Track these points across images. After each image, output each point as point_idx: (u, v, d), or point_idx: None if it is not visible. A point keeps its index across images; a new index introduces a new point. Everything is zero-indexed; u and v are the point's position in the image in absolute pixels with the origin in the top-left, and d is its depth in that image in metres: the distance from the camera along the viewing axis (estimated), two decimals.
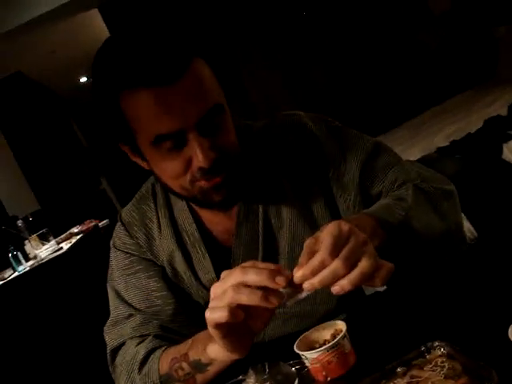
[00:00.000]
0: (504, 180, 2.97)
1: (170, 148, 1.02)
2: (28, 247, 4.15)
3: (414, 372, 0.80)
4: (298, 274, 0.82)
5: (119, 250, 1.30)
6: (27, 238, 4.19)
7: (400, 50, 5.23)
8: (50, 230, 4.32)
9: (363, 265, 0.81)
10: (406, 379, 0.80)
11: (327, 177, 1.22)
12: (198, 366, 1.06)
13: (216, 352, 0.97)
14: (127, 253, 1.29)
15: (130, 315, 1.25)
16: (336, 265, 0.81)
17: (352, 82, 5.28)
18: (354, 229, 0.85)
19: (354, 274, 0.81)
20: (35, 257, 4.13)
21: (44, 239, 4.14)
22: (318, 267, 0.81)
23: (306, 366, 0.97)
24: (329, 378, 0.93)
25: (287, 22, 5.22)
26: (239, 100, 5.20)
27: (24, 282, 3.77)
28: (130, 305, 1.26)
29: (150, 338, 1.22)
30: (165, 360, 1.14)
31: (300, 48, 5.26)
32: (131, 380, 1.20)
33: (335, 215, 1.23)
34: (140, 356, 1.19)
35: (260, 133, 1.26)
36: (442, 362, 0.79)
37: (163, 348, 1.18)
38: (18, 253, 4.03)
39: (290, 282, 0.83)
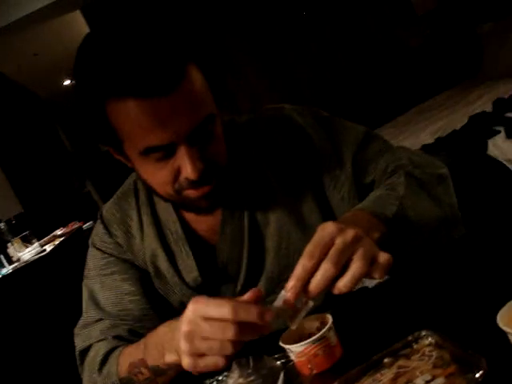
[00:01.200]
0: (490, 175, 2.96)
1: (158, 158, 0.99)
2: (11, 250, 4.10)
3: (402, 362, 0.78)
4: (288, 286, 0.83)
5: (97, 248, 1.27)
6: (10, 241, 4.15)
7: (384, 49, 5.23)
8: (34, 232, 4.28)
9: (354, 266, 0.82)
10: (394, 370, 0.77)
11: (317, 169, 1.20)
12: (158, 371, 1.03)
13: (175, 360, 0.94)
14: (105, 252, 1.26)
15: (100, 319, 1.23)
16: (324, 268, 0.81)
17: (338, 82, 5.28)
18: (342, 227, 0.84)
19: (347, 277, 0.81)
20: (18, 260, 4.07)
21: (27, 242, 4.10)
22: (303, 273, 0.83)
23: (292, 360, 0.94)
24: (314, 371, 0.91)
25: (270, 23, 5.20)
26: (225, 103, 5.17)
27: (6, 284, 3.74)
28: (100, 308, 1.23)
29: (111, 337, 1.19)
30: (123, 362, 1.12)
31: (285, 49, 5.24)
32: (93, 381, 1.17)
33: (325, 209, 1.21)
34: (99, 357, 1.17)
35: (244, 127, 1.24)
36: (430, 352, 0.77)
37: (120, 349, 1.16)
38: (1, 256, 3.98)
39: (285, 301, 0.84)
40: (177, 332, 0.89)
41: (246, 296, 0.85)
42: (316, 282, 0.82)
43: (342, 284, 0.82)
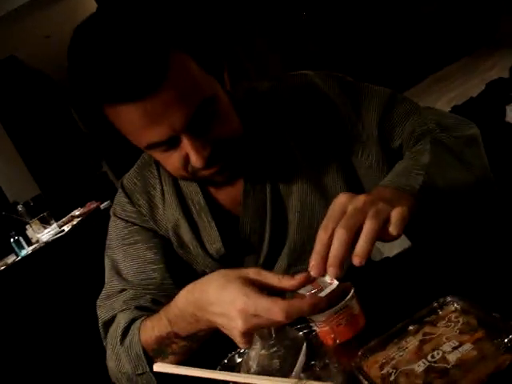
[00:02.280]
0: (508, 142, 2.92)
1: (164, 150, 0.99)
2: (30, 232, 4.13)
3: (427, 329, 0.77)
4: (310, 264, 0.83)
5: (119, 218, 1.26)
6: (28, 223, 4.17)
7: (397, 19, 5.15)
8: (52, 213, 4.29)
9: (366, 226, 0.81)
10: (419, 337, 0.76)
11: (342, 138, 1.17)
12: (195, 338, 1.03)
13: (212, 326, 0.94)
14: (127, 221, 1.25)
15: (123, 289, 1.22)
16: (337, 235, 0.81)
17: (349, 54, 5.22)
18: (353, 195, 0.84)
19: (361, 238, 0.80)
20: (37, 241, 4.12)
21: (45, 223, 4.10)
22: (321, 247, 0.83)
23: (314, 330, 0.93)
24: (337, 341, 0.90)
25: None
26: (239, 80, 5.11)
27: (26, 265, 3.77)
28: (123, 278, 1.22)
29: (132, 308, 1.18)
30: (147, 335, 1.09)
31: (296, 22, 5.19)
32: (116, 353, 1.16)
33: (351, 179, 1.19)
34: (121, 328, 1.15)
35: (266, 95, 1.21)
36: (456, 318, 0.76)
37: (140, 320, 1.13)
38: (20, 238, 4.02)
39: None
40: (226, 323, 0.88)
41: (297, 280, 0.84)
42: (333, 251, 0.81)
43: (359, 248, 0.80)
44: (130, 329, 1.14)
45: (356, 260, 0.80)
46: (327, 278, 0.85)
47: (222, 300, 0.87)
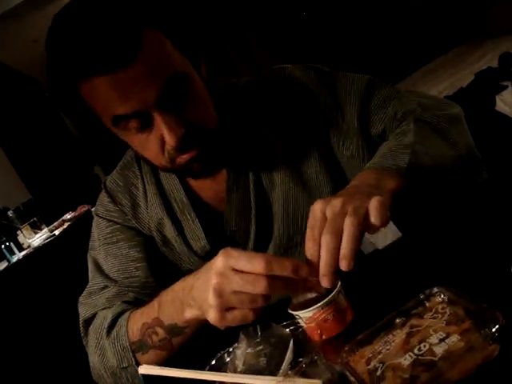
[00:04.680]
0: (499, 131, 2.91)
1: (137, 128, 0.97)
2: (21, 237, 4.10)
3: (414, 321, 0.75)
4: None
5: (101, 217, 1.26)
6: (19, 229, 4.15)
7: (386, 10, 5.14)
8: (43, 218, 4.27)
9: (346, 225, 0.79)
10: (406, 329, 0.74)
11: (323, 128, 1.16)
12: (175, 330, 1.02)
13: (196, 315, 0.91)
14: (110, 220, 1.24)
15: (105, 287, 1.21)
16: (324, 242, 0.80)
17: (339, 48, 5.20)
18: (328, 200, 0.83)
19: (344, 239, 0.79)
20: (29, 246, 4.08)
21: (36, 228, 4.09)
22: (312, 258, 0.82)
23: (301, 327, 0.91)
24: (324, 337, 0.88)
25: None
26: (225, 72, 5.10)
27: (17, 271, 3.76)
28: (106, 276, 1.22)
29: (119, 303, 1.17)
30: (134, 325, 1.09)
31: (285, 15, 5.16)
32: (100, 346, 1.15)
33: (334, 169, 1.17)
34: (108, 320, 1.14)
35: (245, 90, 1.21)
36: (443, 309, 0.74)
37: (129, 312, 1.13)
38: (11, 243, 3.99)
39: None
40: (201, 284, 0.87)
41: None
42: (323, 260, 0.80)
43: (343, 250, 0.79)
44: (118, 321, 1.13)
45: (343, 264, 0.78)
46: None
47: (202, 280, 0.87)
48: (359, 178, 0.94)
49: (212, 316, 0.83)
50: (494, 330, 0.65)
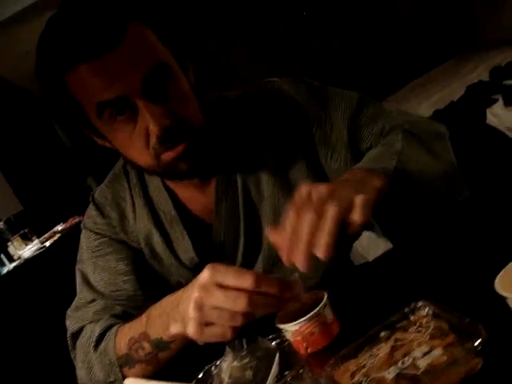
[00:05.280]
0: (490, 144, 2.92)
1: (121, 119, 0.98)
2: (11, 249, 4.08)
3: (398, 335, 0.75)
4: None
5: (90, 230, 1.25)
6: (10, 240, 4.13)
7: (377, 25, 5.17)
8: (35, 230, 4.25)
9: (328, 209, 0.79)
10: (390, 343, 0.74)
11: (312, 140, 1.17)
12: (161, 345, 1.02)
13: (181, 331, 0.91)
14: (98, 233, 1.24)
15: (93, 300, 1.21)
16: (307, 219, 0.80)
17: (331, 60, 5.22)
18: (316, 184, 0.84)
19: (323, 220, 0.79)
20: (19, 257, 4.05)
21: (27, 239, 4.07)
22: (290, 229, 0.81)
23: (287, 340, 0.91)
24: (309, 350, 0.88)
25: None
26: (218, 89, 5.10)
27: (7, 282, 3.74)
28: (94, 289, 1.21)
29: (107, 316, 1.17)
30: (122, 339, 1.09)
31: (274, 24, 5.17)
32: (88, 361, 1.15)
33: (321, 181, 1.17)
34: (95, 334, 1.15)
35: (234, 103, 1.22)
36: (427, 322, 0.74)
37: (117, 327, 1.13)
38: (1, 255, 3.96)
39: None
40: (185, 298, 0.87)
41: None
42: (304, 237, 0.80)
43: (322, 231, 0.78)
44: (106, 335, 1.14)
45: (319, 250, 0.78)
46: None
47: (187, 293, 0.87)
48: (347, 175, 0.95)
49: (191, 329, 0.83)
50: (476, 344, 0.65)
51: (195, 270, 1.17)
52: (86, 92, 0.97)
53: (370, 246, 1.94)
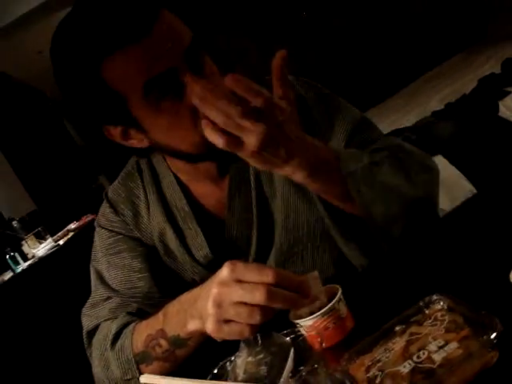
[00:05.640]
0: (502, 137, 2.90)
1: (168, 97, 0.96)
2: (25, 247, 4.11)
3: (413, 329, 0.75)
4: None
5: (104, 228, 1.26)
6: (24, 239, 4.16)
7: (388, 19, 5.14)
8: (48, 229, 4.29)
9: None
10: (405, 337, 0.74)
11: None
12: (178, 342, 1.02)
13: (199, 327, 0.92)
14: (112, 231, 1.24)
15: (108, 297, 1.21)
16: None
17: (343, 55, 5.20)
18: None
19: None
20: (33, 256, 4.09)
21: (40, 238, 4.10)
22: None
23: (302, 335, 0.91)
24: (324, 345, 0.87)
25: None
26: None
27: (22, 281, 3.77)
28: (109, 287, 1.22)
29: (124, 314, 1.18)
30: (138, 337, 1.10)
31: (281, 19, 5.15)
32: (105, 358, 1.15)
33: None
34: (112, 332, 1.15)
35: None
36: (442, 316, 0.74)
37: (133, 324, 1.13)
38: (16, 254, 4.00)
39: None
40: (203, 294, 0.88)
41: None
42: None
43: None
44: (122, 332, 1.14)
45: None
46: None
47: (206, 290, 0.88)
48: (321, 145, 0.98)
49: (209, 326, 0.83)
50: (492, 337, 0.65)
51: (209, 267, 1.18)
52: (130, 75, 0.95)
53: None
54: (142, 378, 0.94)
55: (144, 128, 1.03)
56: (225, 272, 0.83)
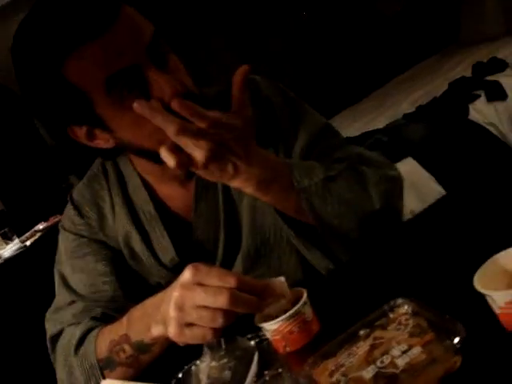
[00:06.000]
0: (472, 140, 2.93)
1: (132, 94, 0.95)
2: None
3: (377, 333, 0.74)
4: None
5: (68, 231, 1.23)
6: None
7: (360, 22, 5.16)
8: (17, 229, 4.23)
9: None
10: (369, 341, 0.73)
11: (277, 146, 1.17)
12: (142, 347, 1.00)
13: (162, 332, 0.90)
14: (76, 234, 1.22)
15: (72, 302, 1.19)
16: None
17: (313, 57, 5.20)
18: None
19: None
20: (0, 257, 4.02)
21: (7, 238, 4.04)
22: None
23: (267, 339, 0.90)
24: (288, 349, 0.86)
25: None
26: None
27: None
28: (73, 291, 1.20)
29: (87, 319, 1.16)
30: (102, 342, 1.08)
31: (258, 21, 5.13)
32: (68, 364, 1.13)
33: None
34: (76, 337, 1.13)
35: (215, 100, 1.18)
36: (407, 320, 0.73)
37: (97, 329, 1.11)
38: None
39: None
40: (166, 299, 0.86)
41: None
42: None
43: None
44: (86, 338, 1.12)
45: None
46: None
47: (169, 294, 0.87)
48: (278, 162, 1.03)
49: (171, 330, 0.83)
50: (455, 341, 0.64)
51: (175, 270, 1.16)
52: (92, 72, 0.95)
53: None
54: (104, 383, 0.92)
55: (109, 127, 1.01)
56: (187, 275, 0.82)
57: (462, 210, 1.05)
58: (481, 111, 3.09)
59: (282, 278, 0.88)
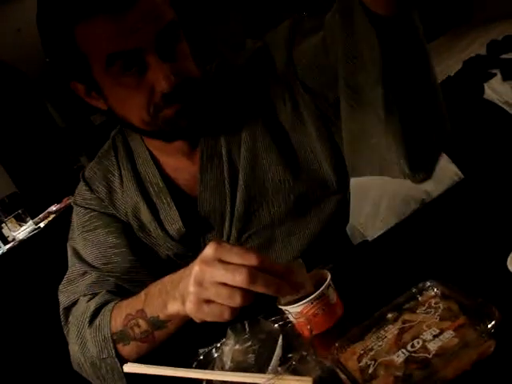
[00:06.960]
0: (488, 119, 2.89)
1: (130, 73, 0.99)
2: (5, 230, 4.07)
3: (406, 316, 0.73)
4: None
5: (79, 206, 1.27)
6: (4, 221, 4.11)
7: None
8: (29, 211, 4.24)
9: None
10: (398, 325, 0.72)
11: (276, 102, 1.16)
12: (157, 323, 1.00)
13: (179, 309, 0.90)
14: (87, 208, 1.25)
15: (85, 272, 1.20)
16: None
17: None
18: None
19: None
20: (14, 239, 4.05)
21: (21, 220, 4.05)
22: None
23: (290, 322, 0.89)
24: (314, 332, 0.85)
25: None
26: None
27: (1, 264, 3.72)
28: (85, 262, 1.21)
29: (103, 292, 1.16)
30: (118, 315, 1.08)
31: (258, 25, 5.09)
32: (81, 336, 1.13)
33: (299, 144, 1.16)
34: (91, 310, 1.13)
35: (216, 73, 1.23)
36: (437, 303, 0.72)
37: (115, 301, 1.12)
38: None
39: None
40: (186, 275, 0.86)
41: None
42: None
43: None
44: (101, 310, 1.12)
45: None
46: None
47: (189, 270, 0.86)
48: None
49: (189, 305, 0.82)
50: (489, 325, 0.63)
51: (182, 241, 1.19)
52: (99, 43, 0.97)
53: (368, 225, 1.92)
54: (126, 367, 0.92)
55: (103, 94, 1.07)
56: (209, 250, 0.81)
57: (485, 191, 1.04)
58: (496, 90, 3.05)
59: (300, 260, 0.86)
